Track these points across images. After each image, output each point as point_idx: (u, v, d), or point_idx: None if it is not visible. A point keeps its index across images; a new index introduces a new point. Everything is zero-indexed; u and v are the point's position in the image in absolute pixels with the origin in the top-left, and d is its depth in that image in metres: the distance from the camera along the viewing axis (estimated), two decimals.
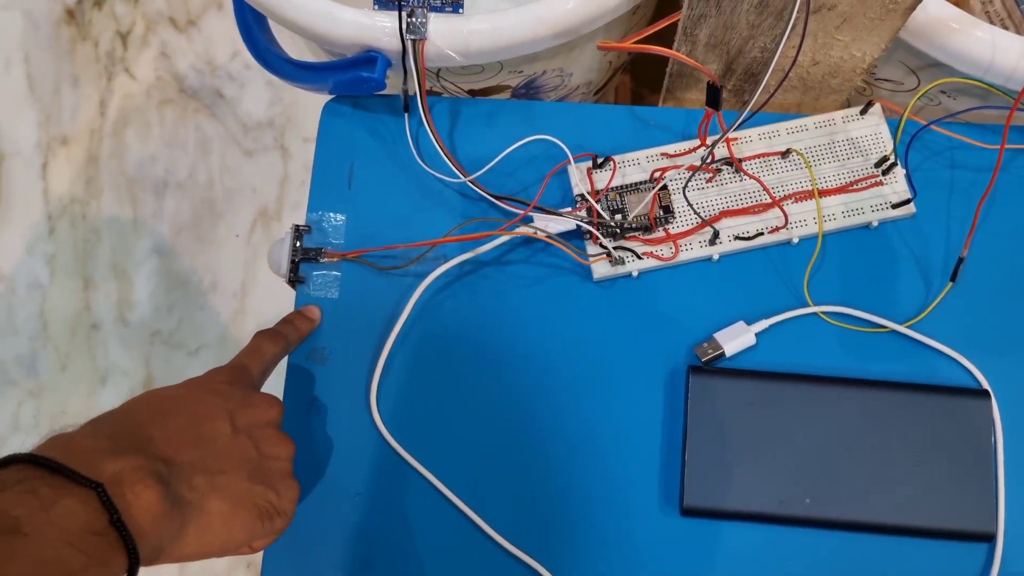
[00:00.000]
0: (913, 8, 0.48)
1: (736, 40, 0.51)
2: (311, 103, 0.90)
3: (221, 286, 0.98)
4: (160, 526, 0.35)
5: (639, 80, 0.86)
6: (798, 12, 0.41)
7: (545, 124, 0.55)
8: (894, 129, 0.53)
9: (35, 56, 1.00)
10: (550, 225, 0.51)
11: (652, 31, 0.49)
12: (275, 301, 0.98)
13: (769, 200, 0.52)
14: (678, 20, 0.50)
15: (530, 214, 0.52)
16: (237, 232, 0.98)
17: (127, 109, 0.97)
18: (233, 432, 0.42)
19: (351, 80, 0.52)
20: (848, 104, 0.57)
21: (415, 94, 0.52)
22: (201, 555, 0.39)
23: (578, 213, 0.52)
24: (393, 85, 0.54)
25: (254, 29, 0.58)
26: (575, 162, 0.53)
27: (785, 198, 0.53)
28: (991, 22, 0.63)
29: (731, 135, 0.53)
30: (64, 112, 0.98)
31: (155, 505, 0.35)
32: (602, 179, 0.53)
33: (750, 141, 0.54)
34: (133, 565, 0.34)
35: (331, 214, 0.54)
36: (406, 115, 0.54)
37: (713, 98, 0.47)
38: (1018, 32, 0.62)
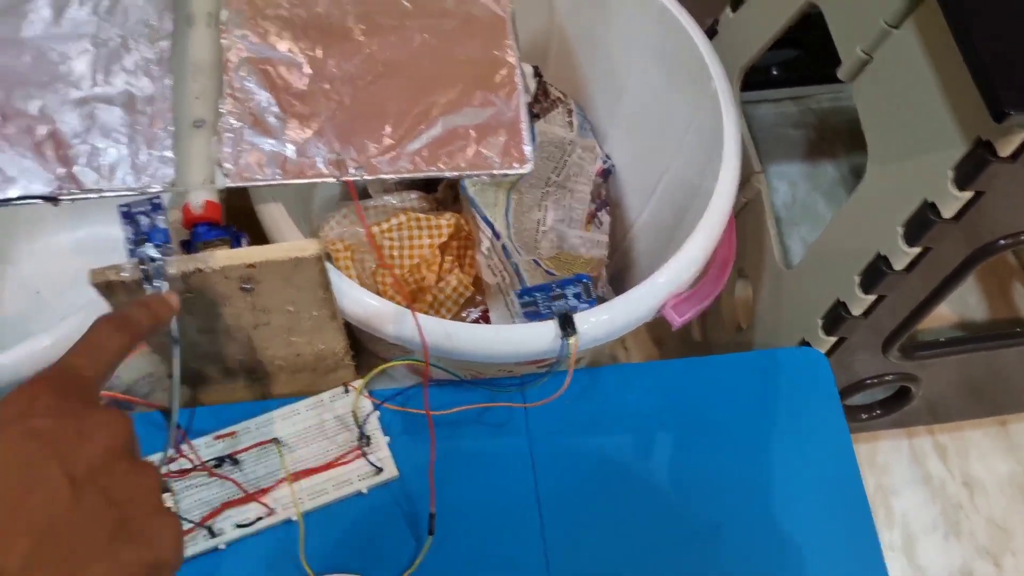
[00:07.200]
0: (336, 316, 0.56)
1: (208, 351, 0.58)
2: None
3: None
4: None
5: None
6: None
7: None
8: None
9: None
10: None
11: None
12: None
13: (267, 487, 0.58)
14: None
15: None
16: None
17: None
18: (73, 489, 0.32)
19: None
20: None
21: None
22: None
23: None
24: None
25: None
26: None
27: (281, 481, 0.59)
28: (492, 275, 0.73)
29: (228, 429, 0.60)
30: None
31: None
32: None
33: (249, 431, 0.60)
34: None
35: None
36: None
37: None
38: (512, 284, 0.72)
